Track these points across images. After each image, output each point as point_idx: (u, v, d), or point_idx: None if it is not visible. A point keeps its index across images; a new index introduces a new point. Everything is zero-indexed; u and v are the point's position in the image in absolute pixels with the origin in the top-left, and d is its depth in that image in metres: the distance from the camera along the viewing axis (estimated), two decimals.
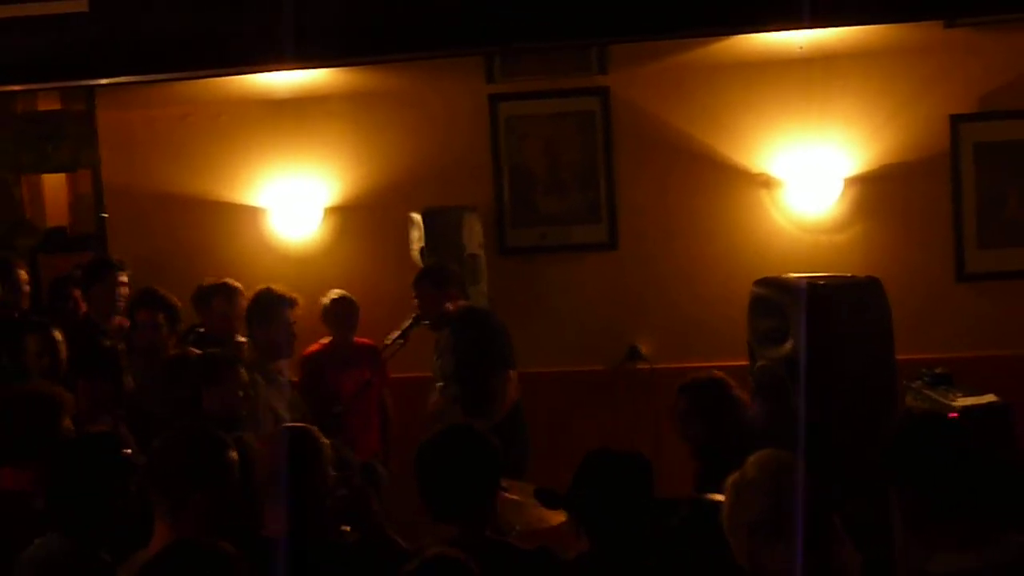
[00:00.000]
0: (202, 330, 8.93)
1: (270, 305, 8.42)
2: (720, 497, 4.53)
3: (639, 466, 4.66)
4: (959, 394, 7.11)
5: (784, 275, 5.67)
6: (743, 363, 8.15)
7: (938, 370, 7.89)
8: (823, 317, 5.13)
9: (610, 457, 4.71)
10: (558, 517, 5.75)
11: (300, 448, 4.99)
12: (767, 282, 5.58)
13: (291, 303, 8.46)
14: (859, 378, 5.17)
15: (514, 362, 8.51)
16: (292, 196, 10.16)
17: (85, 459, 4.99)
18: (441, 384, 8.58)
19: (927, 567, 3.76)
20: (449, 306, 8.46)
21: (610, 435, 8.95)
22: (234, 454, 4.64)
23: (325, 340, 9.22)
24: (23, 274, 8.76)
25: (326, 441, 5.09)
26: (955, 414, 6.15)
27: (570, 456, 5.53)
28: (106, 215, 14.05)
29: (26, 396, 5.80)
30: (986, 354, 9.04)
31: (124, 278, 8.66)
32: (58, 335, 7.45)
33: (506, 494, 6.25)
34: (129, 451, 5.12)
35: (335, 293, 9.20)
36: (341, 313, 9.14)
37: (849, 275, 5.64)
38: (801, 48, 9.22)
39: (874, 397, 5.21)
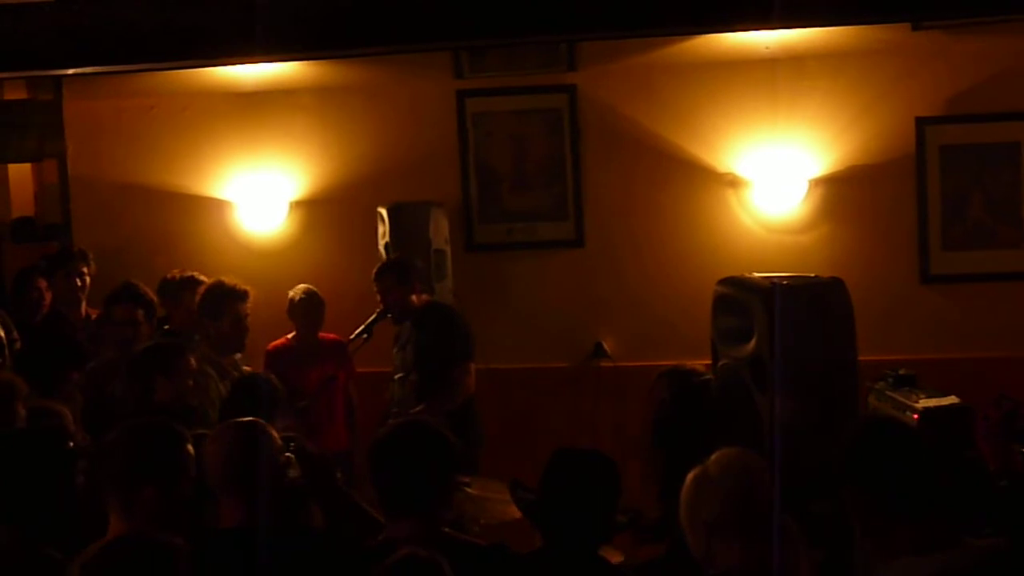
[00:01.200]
0: (167, 326, 8.92)
1: (221, 298, 8.36)
2: None
3: (603, 466, 4.66)
4: (922, 395, 7.12)
5: (748, 274, 5.67)
6: (707, 362, 8.21)
7: (901, 371, 7.89)
8: (785, 317, 5.14)
9: (575, 457, 4.70)
10: (514, 512, 5.76)
11: (248, 439, 4.96)
12: (730, 281, 5.59)
13: (242, 296, 8.40)
14: (821, 378, 5.18)
15: (474, 355, 8.53)
16: (258, 189, 10.15)
17: (27, 451, 4.94)
18: (400, 375, 8.59)
19: (884, 574, 3.77)
20: (413, 299, 8.48)
21: (574, 432, 9.02)
22: (190, 448, 4.63)
23: (290, 335, 9.22)
24: None
25: (273, 433, 5.05)
26: (916, 416, 6.17)
27: (534, 452, 5.54)
28: (69, 206, 14.02)
29: None
30: (950, 356, 9.07)
31: (85, 268, 8.64)
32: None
33: (467, 489, 6.27)
34: (72, 444, 5.09)
35: (301, 288, 9.19)
36: (307, 308, 9.13)
37: (812, 275, 5.65)
38: (768, 48, 9.24)
39: (836, 398, 5.23)
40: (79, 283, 8.70)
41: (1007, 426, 5.61)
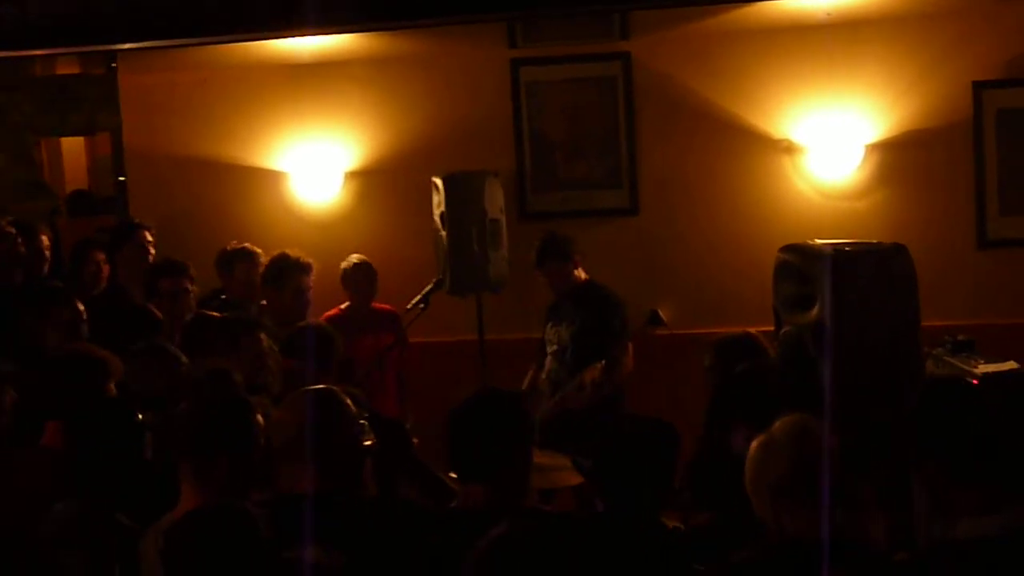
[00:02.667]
0: (224, 296, 8.97)
1: (284, 270, 8.49)
2: None
3: (666, 435, 4.67)
4: (980, 361, 7.10)
5: (810, 241, 5.65)
6: (765, 328, 8.18)
7: (960, 337, 7.86)
8: (849, 283, 5.12)
9: (635, 423, 4.71)
10: (569, 479, 5.78)
11: (325, 409, 5.00)
12: (793, 248, 5.56)
13: (306, 268, 8.52)
14: (885, 345, 5.15)
15: (631, 335, 8.71)
16: (313, 160, 10.17)
17: (99, 424, 5.01)
18: (555, 348, 8.70)
19: (950, 533, 3.76)
20: (579, 274, 8.60)
21: (629, 399, 9.01)
22: (260, 418, 4.66)
23: (343, 305, 9.25)
24: (45, 240, 8.76)
25: (348, 401, 5.08)
26: (976, 380, 6.15)
27: None
28: (123, 178, 14.11)
29: (76, 356, 5.83)
30: (1007, 321, 9.02)
31: (151, 239, 8.69)
32: (80, 306, 7.47)
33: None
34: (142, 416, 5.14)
35: (355, 258, 9.24)
36: (360, 278, 9.17)
37: (875, 241, 5.62)
38: (828, 14, 9.19)
39: (899, 364, 5.20)
40: (149, 256, 8.75)
41: None
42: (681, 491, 4.80)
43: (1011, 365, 7.07)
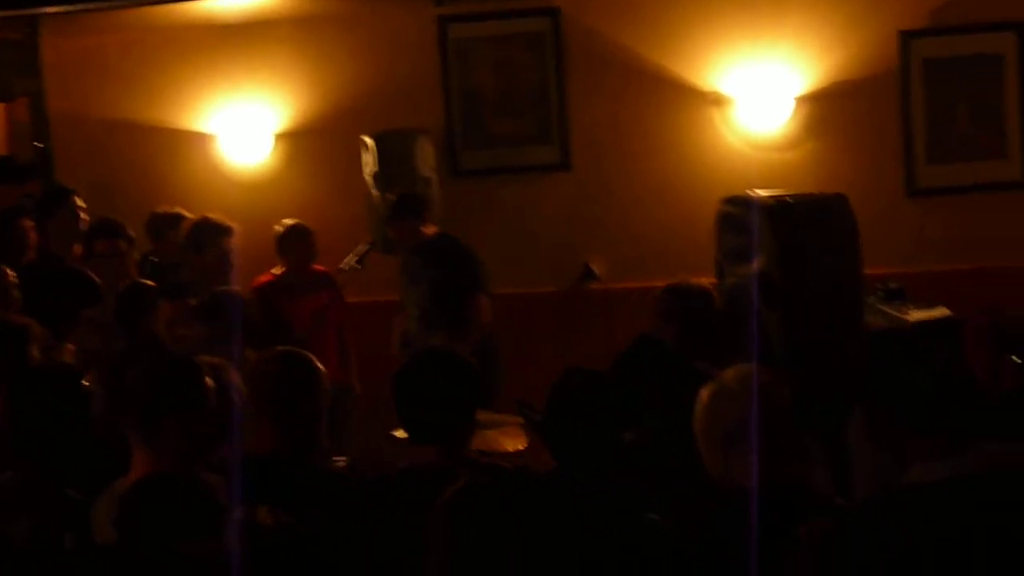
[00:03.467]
0: (155, 259, 8.91)
1: (205, 234, 8.39)
2: None
3: (610, 385, 4.67)
4: (912, 308, 7.21)
5: (750, 192, 5.68)
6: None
7: (891, 285, 7.99)
8: (792, 233, 5.17)
9: (582, 378, 4.71)
10: (513, 442, 5.79)
11: (299, 370, 4.99)
12: (734, 200, 5.60)
13: (227, 231, 8.43)
14: (828, 294, 5.21)
15: (487, 287, 8.57)
16: (241, 122, 10.11)
17: (42, 390, 4.94)
18: (418, 313, 8.59)
19: (902, 480, 3.80)
20: (425, 231, 8.49)
21: (564, 354, 9.03)
22: (208, 380, 4.63)
23: (277, 270, 9.18)
24: None
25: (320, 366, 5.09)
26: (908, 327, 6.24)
27: (526, 377, 5.57)
28: (42, 144, 13.94)
29: None
30: (937, 268, 9.13)
31: (82, 205, 8.60)
32: (10, 274, 7.39)
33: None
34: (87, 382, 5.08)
35: (289, 222, 9.14)
36: (298, 240, 9.08)
37: (816, 191, 5.68)
38: None
39: (843, 312, 5.26)
40: (81, 221, 8.65)
41: (995, 336, 5.67)
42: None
43: (942, 311, 7.19)
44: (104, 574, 4.17)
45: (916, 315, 7.16)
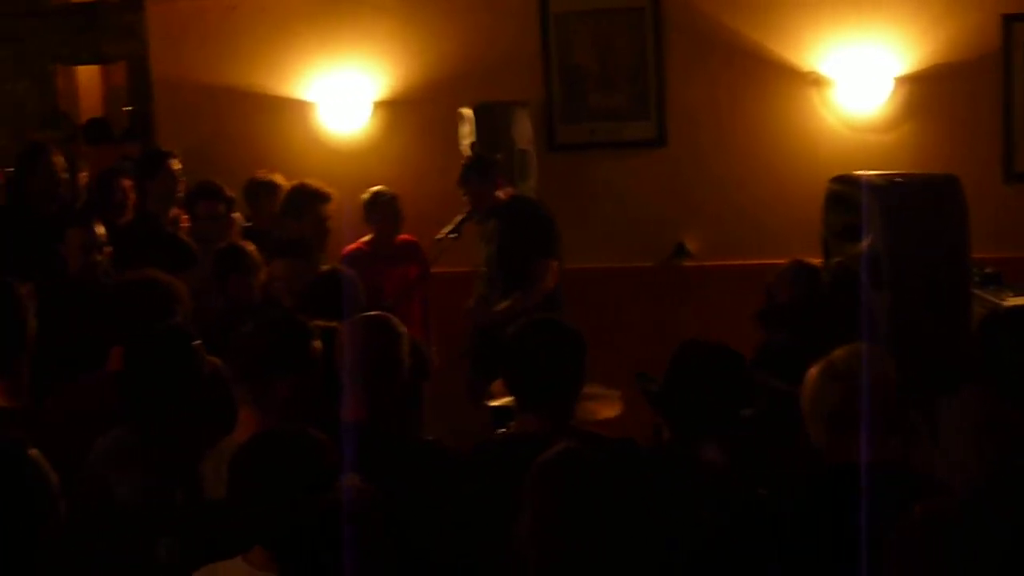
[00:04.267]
0: (249, 224, 9.00)
1: (303, 200, 8.47)
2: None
3: (731, 358, 4.70)
4: (1009, 294, 7.18)
5: (857, 172, 5.68)
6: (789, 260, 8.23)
7: (988, 270, 7.95)
8: (901, 213, 5.17)
9: (704, 351, 4.74)
10: (608, 411, 5.82)
11: (383, 335, 5.05)
12: (843, 179, 5.60)
13: (325, 198, 8.50)
14: (935, 275, 5.20)
15: (558, 253, 8.52)
16: (341, 90, 10.17)
17: (154, 348, 5.03)
18: (485, 271, 8.62)
19: (1013, 460, 3.81)
20: (499, 195, 8.49)
21: (657, 331, 9.07)
22: (318, 342, 4.70)
23: (365, 239, 9.23)
24: (60, 161, 8.70)
25: (404, 330, 5.14)
26: None
27: (616, 352, 5.60)
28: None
29: (146, 281, 5.82)
30: None
31: (178, 166, 8.69)
32: (100, 229, 7.48)
33: None
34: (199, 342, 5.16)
35: (375, 190, 9.17)
36: (383, 210, 9.11)
37: (926, 172, 5.67)
38: None
39: (950, 293, 5.26)
40: (179, 184, 8.74)
41: None
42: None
43: None
44: (210, 529, 4.27)
45: (1012, 300, 7.12)
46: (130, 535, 4.44)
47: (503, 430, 5.01)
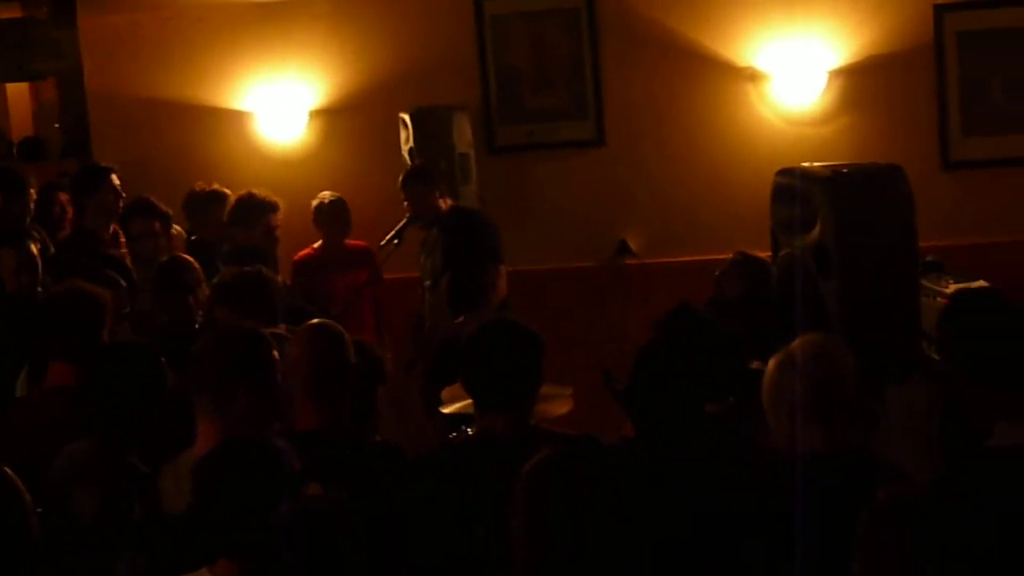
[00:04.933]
0: (194, 237, 8.97)
1: (253, 210, 8.47)
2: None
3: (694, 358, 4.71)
4: (951, 281, 7.21)
5: (805, 164, 5.72)
6: (731, 255, 8.27)
7: (928, 258, 7.98)
8: (850, 203, 5.20)
9: (668, 348, 4.75)
10: (559, 409, 5.83)
11: (329, 343, 5.05)
12: (789, 171, 5.62)
13: (274, 207, 8.52)
14: (884, 263, 5.24)
15: (503, 258, 8.58)
16: (278, 99, 10.14)
17: (121, 364, 5.03)
18: (429, 283, 8.62)
19: (984, 443, 3.83)
20: (440, 204, 8.51)
21: (602, 329, 9.10)
22: (276, 352, 4.69)
23: (316, 244, 9.26)
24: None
25: (347, 335, 5.14)
26: (946, 302, 6.23)
27: (564, 351, 5.63)
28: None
29: (77, 293, 5.80)
30: (974, 241, 9.12)
31: (117, 181, 8.63)
32: (34, 249, 7.44)
33: None
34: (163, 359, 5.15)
35: (327, 194, 9.26)
36: (333, 214, 9.18)
37: (870, 163, 5.70)
38: None
39: (899, 281, 5.29)
40: (120, 198, 8.69)
41: None
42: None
43: (981, 284, 7.17)
44: (173, 543, 4.24)
45: (954, 287, 7.16)
46: (92, 551, 4.40)
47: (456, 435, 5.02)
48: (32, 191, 8.63)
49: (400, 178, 8.70)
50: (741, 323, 5.69)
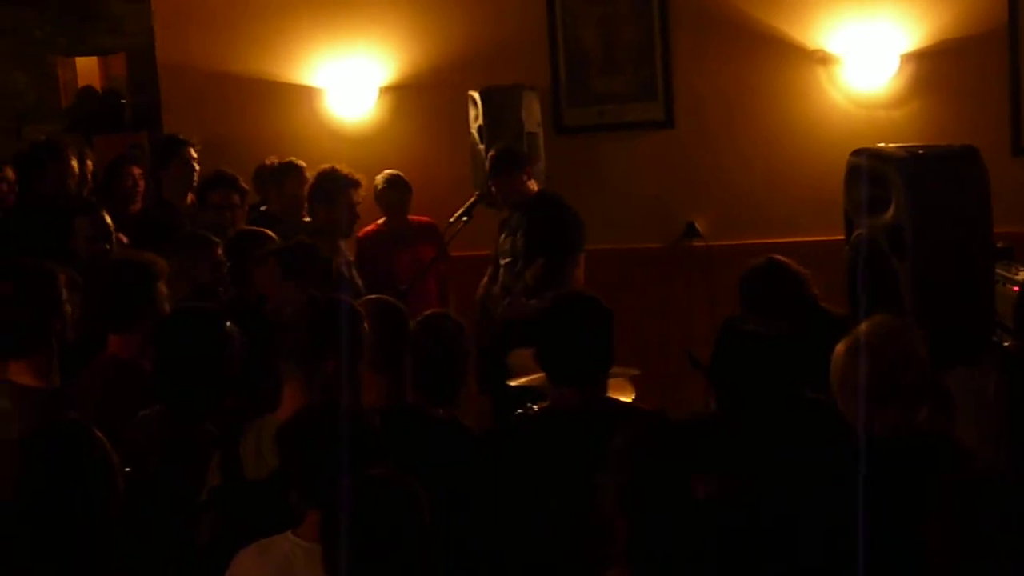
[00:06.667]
0: (264, 208, 9.03)
1: (334, 185, 8.53)
2: None
3: (779, 338, 4.72)
4: (1021, 268, 7.17)
5: (882, 145, 5.70)
6: (798, 239, 8.26)
7: (999, 244, 7.93)
8: (926, 184, 5.18)
9: (757, 326, 4.76)
10: (622, 394, 5.86)
11: (392, 319, 5.10)
12: (864, 152, 5.59)
13: (356, 183, 8.57)
14: (960, 244, 5.22)
15: (584, 249, 8.60)
16: (347, 76, 10.17)
17: (188, 332, 5.09)
18: (508, 260, 8.63)
19: None
20: (530, 186, 8.53)
21: (668, 311, 9.09)
22: (367, 325, 4.73)
23: (380, 221, 9.29)
24: (69, 158, 8.73)
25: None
26: (1016, 288, 6.21)
27: (625, 333, 5.63)
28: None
29: (122, 264, 5.86)
30: None
31: (195, 154, 8.72)
32: (107, 218, 7.50)
33: None
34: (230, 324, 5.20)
35: (386, 174, 9.28)
36: (393, 192, 9.21)
37: (946, 144, 5.68)
38: None
39: (974, 262, 5.27)
40: (195, 171, 8.77)
41: None
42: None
43: None
44: (254, 505, 4.29)
45: None
46: (172, 514, 4.46)
47: (533, 406, 5.03)
48: (89, 162, 8.71)
49: (487, 160, 8.70)
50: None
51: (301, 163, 9.03)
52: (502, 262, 8.67)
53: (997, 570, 3.18)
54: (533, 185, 8.61)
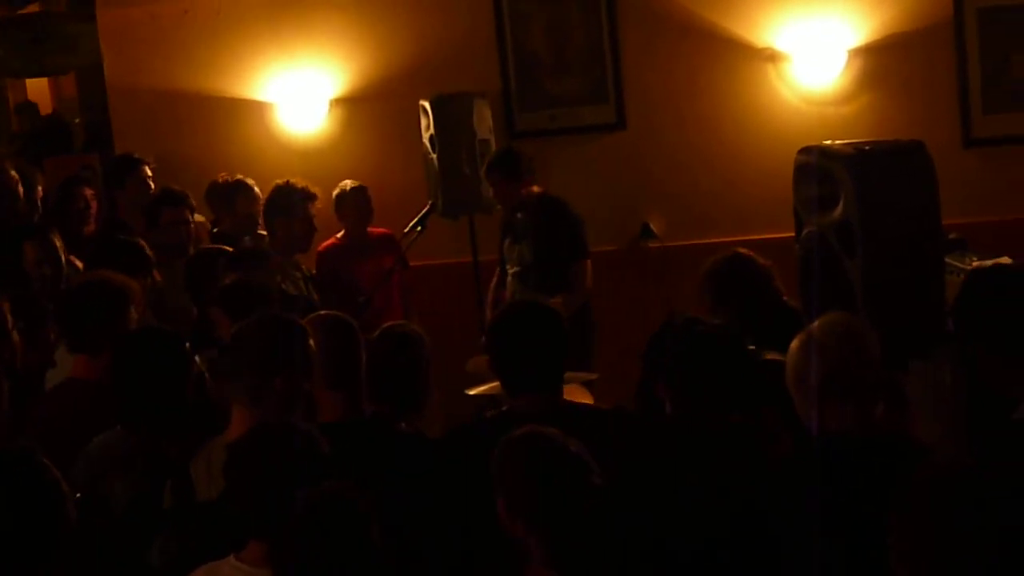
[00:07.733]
0: (216, 230, 9.01)
1: (291, 199, 8.52)
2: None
3: (732, 339, 4.73)
4: (974, 258, 7.20)
5: (828, 142, 5.71)
6: (754, 237, 8.27)
7: (951, 235, 7.96)
8: (873, 180, 5.18)
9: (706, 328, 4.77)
10: (583, 397, 5.86)
11: (343, 334, 5.08)
12: (811, 149, 5.59)
13: (312, 197, 8.57)
14: (909, 239, 5.23)
15: (589, 251, 8.65)
16: (298, 89, 10.14)
17: (147, 353, 5.06)
18: (517, 270, 8.64)
19: (1010, 416, 3.83)
20: (532, 190, 8.53)
21: (625, 312, 9.09)
22: (312, 342, 4.71)
23: (339, 233, 9.28)
24: (13, 175, 8.70)
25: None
26: None
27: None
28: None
29: (97, 284, 5.83)
30: (996, 219, 9.09)
31: (150, 172, 8.69)
32: (57, 241, 7.47)
33: None
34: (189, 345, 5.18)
35: (347, 183, 9.27)
36: (355, 202, 9.19)
37: (893, 140, 5.70)
38: None
39: (924, 257, 5.29)
40: (150, 190, 8.74)
41: None
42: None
43: (1005, 261, 7.16)
44: (204, 527, 4.27)
45: (978, 265, 7.14)
46: (124, 538, 4.44)
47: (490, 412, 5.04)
48: (40, 187, 8.68)
49: (484, 165, 8.76)
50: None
51: (250, 181, 9.02)
52: (511, 270, 8.72)
53: (975, 566, 3.16)
54: (534, 189, 8.63)
